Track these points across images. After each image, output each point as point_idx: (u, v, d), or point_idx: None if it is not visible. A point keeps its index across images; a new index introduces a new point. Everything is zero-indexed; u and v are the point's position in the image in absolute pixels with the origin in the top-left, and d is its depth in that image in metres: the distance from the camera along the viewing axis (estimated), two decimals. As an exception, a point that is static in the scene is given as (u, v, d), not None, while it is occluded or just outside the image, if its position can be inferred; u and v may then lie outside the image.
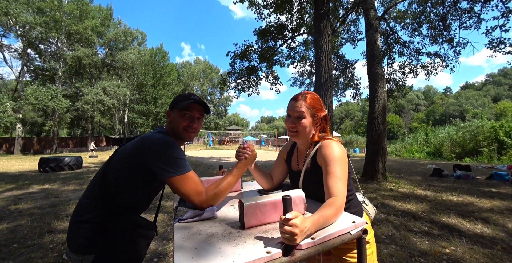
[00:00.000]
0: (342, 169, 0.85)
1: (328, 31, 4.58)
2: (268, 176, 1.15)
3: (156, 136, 0.89)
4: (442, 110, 54.11)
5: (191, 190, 0.83)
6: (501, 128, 11.80)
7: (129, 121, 30.61)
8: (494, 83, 59.40)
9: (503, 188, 4.65)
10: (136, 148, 0.87)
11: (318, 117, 0.99)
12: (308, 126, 0.97)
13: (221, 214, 0.89)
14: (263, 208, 0.74)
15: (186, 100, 0.99)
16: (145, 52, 29.25)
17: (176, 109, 1.00)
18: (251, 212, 0.72)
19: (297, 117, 0.97)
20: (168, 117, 1.05)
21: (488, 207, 3.46)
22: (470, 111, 17.35)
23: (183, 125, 1.00)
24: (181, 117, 0.99)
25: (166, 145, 0.85)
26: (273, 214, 0.76)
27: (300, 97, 0.99)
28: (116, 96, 23.89)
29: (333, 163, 0.86)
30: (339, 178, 0.83)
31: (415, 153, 14.85)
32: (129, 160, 0.87)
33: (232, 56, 8.16)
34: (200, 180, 0.90)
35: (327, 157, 0.88)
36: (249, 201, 0.73)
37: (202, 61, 51.66)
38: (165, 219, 3.13)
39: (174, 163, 0.84)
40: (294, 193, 0.81)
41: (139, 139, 0.91)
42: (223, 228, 0.73)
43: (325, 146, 0.92)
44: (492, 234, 2.55)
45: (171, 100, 1.07)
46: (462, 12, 6.87)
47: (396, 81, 8.86)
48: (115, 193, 0.87)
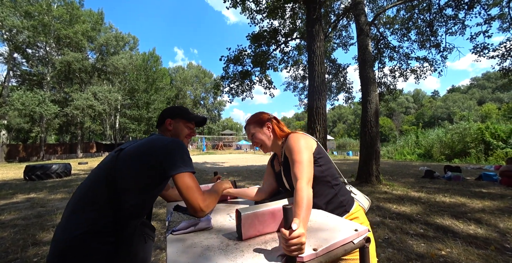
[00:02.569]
0: (303, 155, 0.88)
1: (320, 36, 4.65)
2: (251, 191, 1.16)
3: (167, 138, 0.93)
4: (431, 113, 55.70)
5: (197, 189, 0.83)
6: (487, 130, 12.21)
7: (120, 127, 29.99)
8: (478, 86, 61.82)
9: (492, 188, 4.76)
10: (152, 147, 0.87)
11: (262, 123, 1.09)
12: (262, 135, 1.08)
13: (216, 224, 0.85)
14: (262, 217, 0.71)
15: (191, 115, 1.16)
16: (137, 57, 28.99)
17: (181, 120, 1.12)
18: (249, 222, 0.69)
19: (251, 137, 1.10)
20: (167, 126, 1.10)
21: (480, 207, 3.51)
22: (458, 114, 17.92)
23: (186, 134, 1.13)
24: (186, 127, 1.13)
25: (180, 144, 0.90)
26: (272, 223, 0.73)
27: (245, 125, 1.15)
28: (107, 102, 23.43)
29: (294, 152, 0.91)
30: (299, 162, 0.86)
31: (407, 155, 15.14)
32: (144, 160, 0.84)
33: (225, 61, 8.17)
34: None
35: (288, 148, 0.95)
36: (246, 210, 0.70)
37: (195, 66, 51.59)
38: (157, 226, 3.02)
39: (185, 160, 0.87)
40: (292, 199, 0.79)
41: (151, 138, 0.92)
42: (220, 240, 0.69)
43: (288, 139, 0.99)
44: (485, 234, 2.58)
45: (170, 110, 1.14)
46: (448, 19, 7.17)
47: (387, 85, 9.08)
48: (125, 197, 0.81)
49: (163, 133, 1.10)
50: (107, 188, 0.81)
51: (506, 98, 50.19)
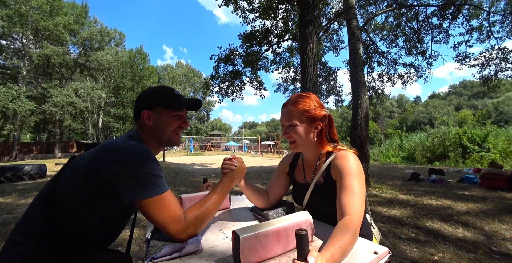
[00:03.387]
0: (360, 184, 0.73)
1: (313, 38, 4.63)
2: (262, 192, 0.99)
3: (126, 144, 0.68)
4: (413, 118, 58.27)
5: (166, 217, 0.64)
6: (464, 135, 12.84)
7: (104, 126, 28.70)
8: (456, 93, 65.60)
9: (474, 190, 4.93)
10: (98, 160, 0.65)
11: (314, 120, 0.86)
12: (304, 133, 0.85)
13: (207, 244, 0.71)
14: (264, 240, 0.58)
15: (176, 99, 0.82)
16: (123, 54, 27.95)
17: (163, 109, 0.81)
18: (249, 247, 0.55)
19: (289, 126, 0.85)
20: (145, 120, 0.80)
21: (465, 210, 3.60)
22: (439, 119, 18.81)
23: (174, 127, 0.83)
24: (173, 118, 0.82)
25: (140, 156, 0.66)
26: (276, 246, 0.60)
27: (289, 103, 0.87)
28: (90, 99, 22.35)
29: (349, 176, 0.74)
30: (356, 193, 0.70)
31: (391, 157, 15.62)
32: (87, 177, 0.64)
33: (216, 60, 7.99)
34: (177, 201, 0.70)
35: (343, 169, 0.76)
36: (246, 231, 0.57)
37: (184, 65, 50.65)
38: (137, 250, 2.78)
39: (149, 180, 0.64)
40: (300, 216, 0.66)
41: (101, 147, 0.69)
42: (212, 269, 0.56)
43: (340, 157, 0.80)
44: (473, 237, 2.61)
45: (145, 97, 0.82)
46: (433, 27, 7.47)
47: (375, 89, 9.30)
48: (68, 222, 0.63)
49: (141, 130, 0.82)
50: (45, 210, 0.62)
51: (480, 105, 53.60)
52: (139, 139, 0.79)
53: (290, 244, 0.62)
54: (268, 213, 0.89)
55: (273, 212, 0.90)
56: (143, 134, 0.82)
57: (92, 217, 0.66)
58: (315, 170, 0.90)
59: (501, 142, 12.10)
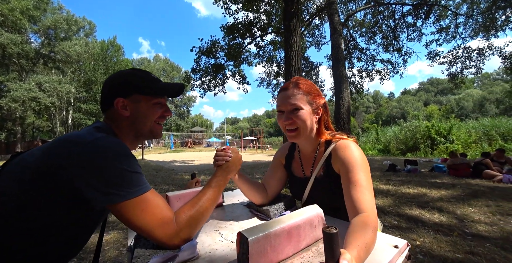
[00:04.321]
0: (367, 176, 0.68)
1: (298, 31, 4.58)
2: (259, 187, 0.89)
3: (93, 136, 0.54)
4: (388, 112, 61.92)
5: (152, 220, 0.53)
6: (432, 128, 13.92)
7: (74, 123, 26.53)
8: (424, 90, 70.79)
9: (444, 178, 5.34)
10: (53, 156, 0.51)
11: (317, 105, 0.79)
12: (309, 118, 0.77)
13: (203, 249, 0.61)
14: (275, 240, 0.49)
15: (156, 84, 0.69)
16: (94, 45, 25.85)
17: (142, 96, 0.68)
18: (259, 250, 0.47)
19: (293, 110, 0.76)
20: (120, 110, 0.66)
21: (438, 196, 3.86)
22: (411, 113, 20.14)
23: (156, 117, 0.70)
24: (154, 106, 0.69)
25: (113, 151, 0.53)
26: (287, 246, 0.52)
27: (291, 85, 0.78)
28: (57, 94, 20.46)
29: (356, 169, 0.68)
30: (366, 188, 0.66)
31: (369, 150, 16.47)
32: (37, 179, 0.50)
33: (197, 52, 7.64)
34: (164, 201, 0.58)
35: (348, 161, 0.70)
36: (254, 233, 0.47)
37: (162, 59, 48.40)
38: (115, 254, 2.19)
39: (124, 180, 0.52)
40: (310, 210, 0.59)
41: (59, 140, 0.54)
42: (215, 280, 0.46)
43: (342, 148, 0.74)
44: (448, 222, 2.79)
45: (119, 81, 0.67)
46: (408, 26, 7.86)
47: (355, 84, 9.63)
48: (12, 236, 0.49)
49: (113, 121, 0.68)
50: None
51: (445, 101, 58.55)
52: (110, 131, 0.65)
53: (301, 242, 0.55)
54: (269, 208, 0.81)
55: (273, 207, 0.82)
56: (116, 125, 0.68)
57: (45, 228, 0.52)
58: (314, 162, 0.84)
59: (462, 133, 13.34)
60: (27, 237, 0.50)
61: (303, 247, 0.55)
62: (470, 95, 52.36)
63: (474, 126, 14.13)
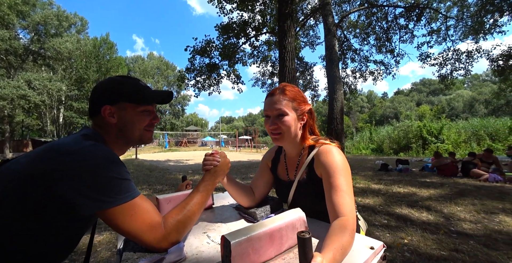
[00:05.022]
0: (347, 181, 0.71)
1: (292, 32, 4.62)
2: (247, 190, 0.92)
3: (81, 144, 0.55)
4: (381, 112, 62.81)
5: (140, 225, 0.54)
6: (424, 128, 14.23)
7: (65, 122, 25.99)
8: (417, 90, 72.08)
9: (433, 178, 5.49)
10: (42, 165, 0.52)
11: (302, 112, 0.82)
12: (293, 124, 0.80)
13: (190, 251, 0.63)
14: (257, 243, 0.52)
15: (144, 91, 0.69)
16: (86, 42, 25.33)
17: (129, 104, 0.68)
18: (241, 252, 0.49)
19: (278, 116, 0.79)
20: (107, 117, 0.67)
21: (427, 195, 3.97)
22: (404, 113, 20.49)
23: (145, 125, 0.71)
24: (142, 114, 0.70)
25: (100, 159, 0.54)
26: (269, 249, 0.55)
27: (277, 91, 0.81)
28: (47, 92, 19.95)
29: (336, 174, 0.71)
30: (346, 192, 0.68)
31: (362, 149, 16.71)
32: (24, 187, 0.50)
33: (191, 52, 7.60)
34: (153, 206, 0.60)
35: (330, 166, 0.72)
36: (236, 236, 0.50)
37: (156, 57, 47.73)
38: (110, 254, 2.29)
39: (113, 186, 0.53)
40: (292, 214, 0.62)
41: (46, 148, 0.55)
42: (199, 281, 0.48)
43: (324, 153, 0.76)
44: (435, 220, 2.88)
45: (106, 88, 0.68)
46: (400, 28, 8.01)
47: (349, 85, 9.75)
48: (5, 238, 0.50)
49: (101, 128, 0.68)
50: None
51: (436, 101, 59.78)
52: (98, 138, 0.66)
53: (283, 244, 0.57)
54: (256, 211, 0.83)
55: (260, 210, 0.85)
56: (104, 132, 0.69)
57: (33, 235, 0.53)
58: (298, 166, 0.87)
59: (453, 133, 13.67)
60: (19, 240, 0.51)
61: (285, 249, 0.58)
62: (460, 96, 53.64)
63: (464, 126, 14.50)
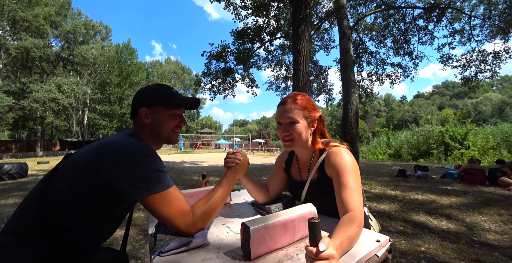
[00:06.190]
0: (356, 179, 0.75)
1: (306, 36, 4.67)
2: (263, 187, 1.00)
3: (126, 141, 0.66)
4: (400, 116, 60.30)
5: (174, 211, 0.64)
6: (446, 133, 13.48)
7: (89, 123, 27.65)
8: (439, 93, 68.50)
9: (455, 185, 5.21)
10: (98, 158, 0.63)
11: (312, 119, 0.88)
12: (304, 131, 0.86)
13: (212, 238, 0.71)
14: (273, 231, 0.59)
15: (174, 97, 0.81)
16: (109, 48, 26.91)
17: (161, 107, 0.80)
18: (259, 238, 0.56)
19: (290, 123, 0.85)
20: (143, 118, 0.79)
21: (448, 203, 3.79)
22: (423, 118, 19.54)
23: (172, 126, 0.82)
24: (170, 116, 0.81)
25: (142, 153, 0.64)
26: (283, 237, 0.61)
27: (289, 100, 0.87)
28: (74, 95, 21.42)
29: (345, 173, 0.76)
30: (354, 190, 0.73)
31: (379, 155, 16.13)
32: (84, 176, 0.62)
33: (208, 56, 7.87)
34: (183, 196, 0.70)
35: (339, 166, 0.78)
36: (255, 223, 0.57)
37: (173, 61, 49.57)
38: (137, 239, 2.72)
39: (152, 177, 0.63)
40: (304, 208, 0.68)
41: (100, 144, 0.67)
42: (222, 261, 0.56)
43: (334, 154, 0.82)
44: (455, 229, 2.76)
45: (143, 94, 0.81)
46: (419, 29, 7.74)
47: (364, 88, 9.54)
48: (63, 225, 0.61)
49: (139, 127, 0.81)
50: (38, 211, 0.59)
51: (461, 105, 56.28)
52: (137, 136, 0.78)
53: (296, 235, 0.64)
54: (270, 206, 0.90)
55: (274, 206, 0.92)
56: (141, 131, 0.81)
57: (89, 215, 0.64)
58: (310, 167, 0.93)
59: (479, 139, 12.80)
60: (76, 220, 0.62)
61: (298, 239, 0.64)
62: (488, 99, 50.12)
63: (492, 132, 13.50)
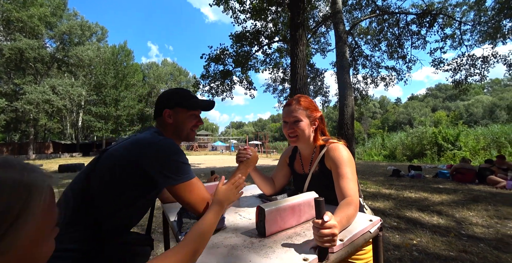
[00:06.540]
0: (352, 171, 0.87)
1: (303, 40, 4.82)
2: (269, 180, 1.12)
3: (156, 138, 0.77)
4: (394, 118, 61.20)
5: (197, 198, 0.74)
6: (439, 134, 13.81)
7: (84, 125, 27.32)
8: (432, 96, 69.81)
9: (447, 184, 5.40)
10: (134, 153, 0.73)
11: (314, 118, 1.00)
12: (307, 128, 0.98)
13: (228, 223, 0.82)
14: (283, 213, 0.70)
15: (193, 101, 0.93)
16: (105, 50, 26.74)
17: (182, 109, 0.91)
18: (272, 218, 0.67)
19: (294, 122, 0.98)
20: (166, 118, 0.91)
21: (439, 201, 3.96)
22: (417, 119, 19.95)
23: (191, 125, 0.94)
24: (190, 117, 0.93)
25: (171, 148, 0.76)
26: (291, 218, 0.73)
27: (294, 102, 1.00)
28: (69, 97, 21.19)
29: (343, 165, 0.87)
30: (350, 179, 0.84)
31: (374, 156, 16.39)
32: (123, 168, 0.72)
33: (207, 59, 7.98)
34: (204, 186, 0.81)
35: (337, 159, 0.89)
36: (269, 206, 0.68)
37: (170, 63, 49.32)
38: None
39: (179, 168, 0.74)
40: (309, 195, 0.79)
41: (134, 140, 0.77)
42: (241, 239, 0.67)
43: (333, 149, 0.93)
44: (445, 224, 2.91)
45: (167, 97, 0.93)
46: (412, 34, 8.02)
47: (359, 90, 9.78)
48: (104, 212, 0.71)
49: (162, 127, 0.92)
50: (83, 201, 0.70)
51: (453, 107, 57.53)
52: (162, 135, 0.89)
53: (302, 217, 0.75)
54: (277, 197, 1.01)
55: (280, 197, 1.03)
56: (164, 130, 0.92)
57: (126, 200, 0.75)
58: (311, 161, 1.04)
59: (471, 140, 13.16)
60: (115, 204, 0.73)
61: (303, 220, 0.76)
62: (479, 102, 51.36)
63: (483, 133, 13.89)
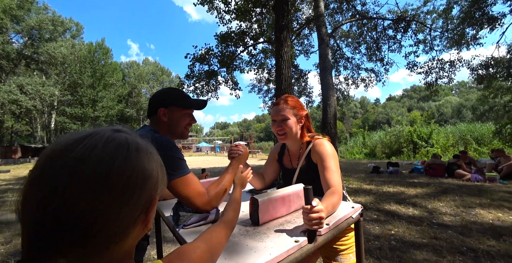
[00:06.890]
0: (336, 163, 0.95)
1: (288, 42, 4.94)
2: (260, 175, 1.17)
3: (153, 135, 0.80)
4: (374, 118, 64.22)
5: (193, 192, 0.78)
6: (414, 133, 14.77)
7: (57, 127, 25.52)
8: (408, 96, 74.30)
9: (421, 178, 5.82)
10: None
11: (300, 116, 1.08)
12: (294, 126, 1.05)
13: (222, 215, 0.86)
14: (275, 202, 0.76)
15: (187, 100, 0.96)
16: (81, 47, 25.26)
17: (176, 108, 0.95)
18: (265, 208, 0.73)
19: (282, 120, 1.04)
20: (161, 117, 0.93)
21: (414, 194, 4.26)
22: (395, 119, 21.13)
23: (185, 124, 0.97)
24: (184, 115, 0.96)
25: (167, 145, 0.79)
26: (282, 208, 0.78)
27: (282, 101, 1.07)
28: (40, 97, 19.73)
29: (327, 159, 0.95)
30: (334, 171, 0.92)
31: (356, 154, 17.11)
32: None
33: (191, 59, 7.87)
34: (199, 181, 0.85)
35: (322, 153, 0.97)
36: (262, 197, 0.74)
37: (152, 62, 47.68)
38: None
39: (176, 163, 0.77)
40: (297, 186, 0.86)
41: None
42: (236, 228, 0.72)
43: (318, 145, 1.01)
44: (419, 214, 3.16)
45: (161, 96, 0.95)
46: (389, 38, 8.55)
47: (341, 91, 10.20)
48: None
49: (157, 125, 0.94)
50: None
51: (426, 107, 61.68)
52: (158, 132, 0.91)
53: (291, 207, 0.81)
54: (267, 191, 1.06)
55: (270, 191, 1.08)
56: (158, 128, 0.94)
57: None
58: (299, 157, 1.11)
59: (441, 138, 14.23)
60: None
61: (293, 210, 0.82)
62: (449, 102, 55.59)
63: (452, 131, 15.09)
